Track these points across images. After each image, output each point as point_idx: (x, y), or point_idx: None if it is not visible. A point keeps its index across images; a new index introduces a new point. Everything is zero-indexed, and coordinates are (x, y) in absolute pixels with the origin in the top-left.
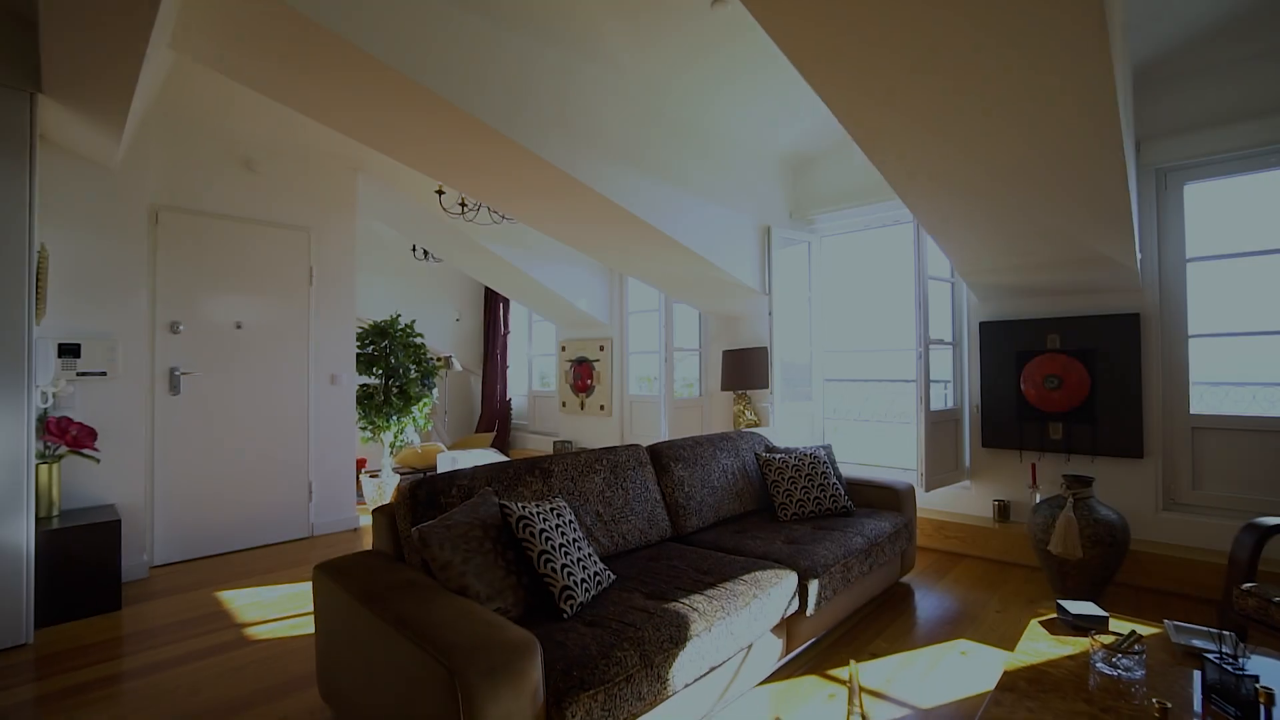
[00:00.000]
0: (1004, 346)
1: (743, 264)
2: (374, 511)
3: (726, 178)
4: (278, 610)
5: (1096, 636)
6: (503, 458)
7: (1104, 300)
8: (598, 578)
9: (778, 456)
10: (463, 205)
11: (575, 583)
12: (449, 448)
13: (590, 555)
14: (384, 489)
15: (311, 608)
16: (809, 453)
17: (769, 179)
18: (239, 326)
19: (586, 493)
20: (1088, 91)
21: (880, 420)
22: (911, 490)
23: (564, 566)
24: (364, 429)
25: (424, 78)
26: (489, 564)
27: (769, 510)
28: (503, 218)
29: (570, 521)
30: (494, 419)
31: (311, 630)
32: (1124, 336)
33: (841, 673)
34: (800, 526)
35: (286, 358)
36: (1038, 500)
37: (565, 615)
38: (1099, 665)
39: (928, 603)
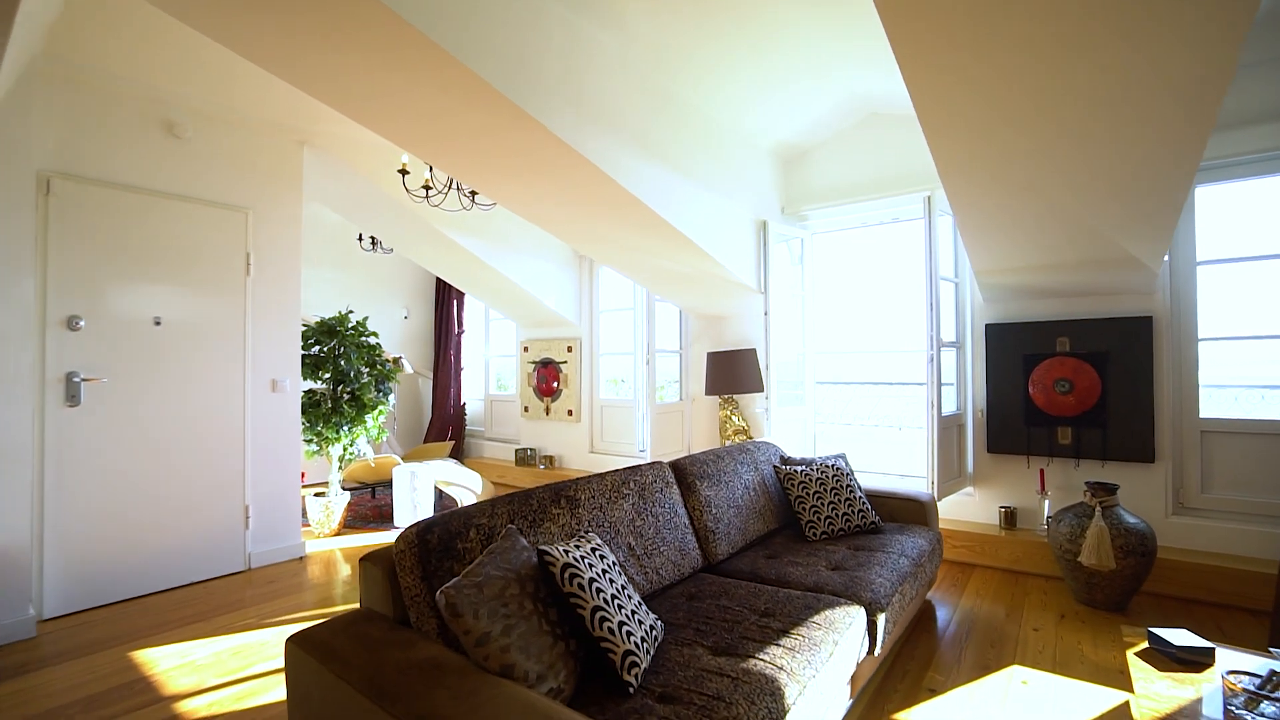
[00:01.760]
0: (1011, 349)
1: (739, 259)
2: (363, 560)
3: (726, 168)
4: (216, 672)
5: (1228, 678)
6: (467, 471)
7: (1115, 303)
8: (653, 631)
9: (799, 469)
10: (427, 188)
11: (636, 644)
12: (403, 459)
13: (640, 604)
14: (332, 509)
15: (263, 668)
16: (831, 464)
17: (763, 171)
18: (158, 323)
19: (616, 523)
20: (1200, 90)
21: (863, 424)
22: (934, 502)
23: (621, 624)
24: (308, 441)
25: (421, 22)
26: (534, 631)
27: (793, 528)
28: (473, 202)
29: (614, 564)
30: (447, 426)
31: (265, 700)
32: (1137, 340)
33: (907, 716)
34: (835, 547)
35: (218, 360)
36: (1046, 506)
37: (631, 689)
38: (1240, 713)
39: (959, 622)
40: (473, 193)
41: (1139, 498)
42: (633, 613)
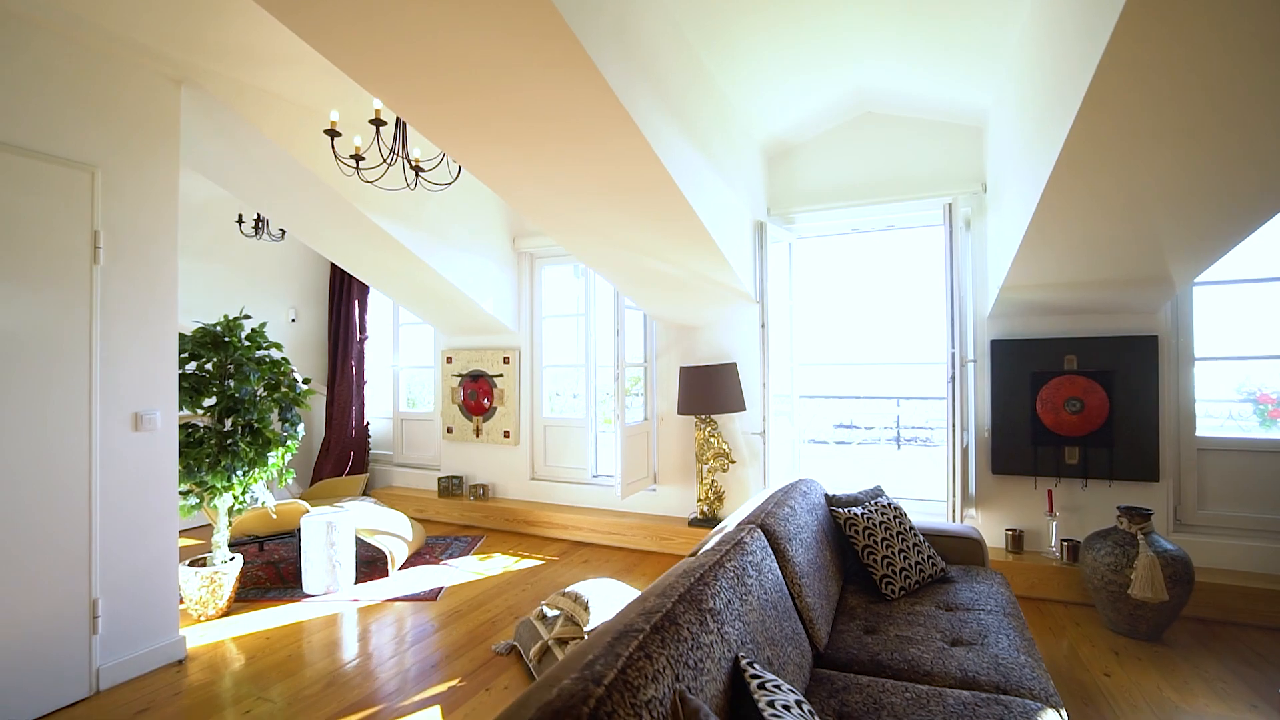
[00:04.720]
0: (1018, 367)
1: (739, 261)
2: None
3: (733, 159)
4: None
5: None
6: (391, 513)
7: (1120, 321)
8: None
9: (858, 512)
10: (356, 158)
11: None
12: (306, 499)
13: None
14: (219, 582)
15: None
16: (886, 503)
17: (756, 166)
18: None
19: (754, 630)
20: None
21: (831, 441)
22: (983, 540)
23: None
24: (185, 493)
25: None
26: None
27: (857, 582)
28: (417, 179)
29: (809, 710)
30: (347, 451)
31: None
32: (1143, 358)
33: None
34: (924, 607)
35: (47, 387)
36: (1054, 529)
37: None
38: None
39: None
40: (417, 167)
41: None
42: None
